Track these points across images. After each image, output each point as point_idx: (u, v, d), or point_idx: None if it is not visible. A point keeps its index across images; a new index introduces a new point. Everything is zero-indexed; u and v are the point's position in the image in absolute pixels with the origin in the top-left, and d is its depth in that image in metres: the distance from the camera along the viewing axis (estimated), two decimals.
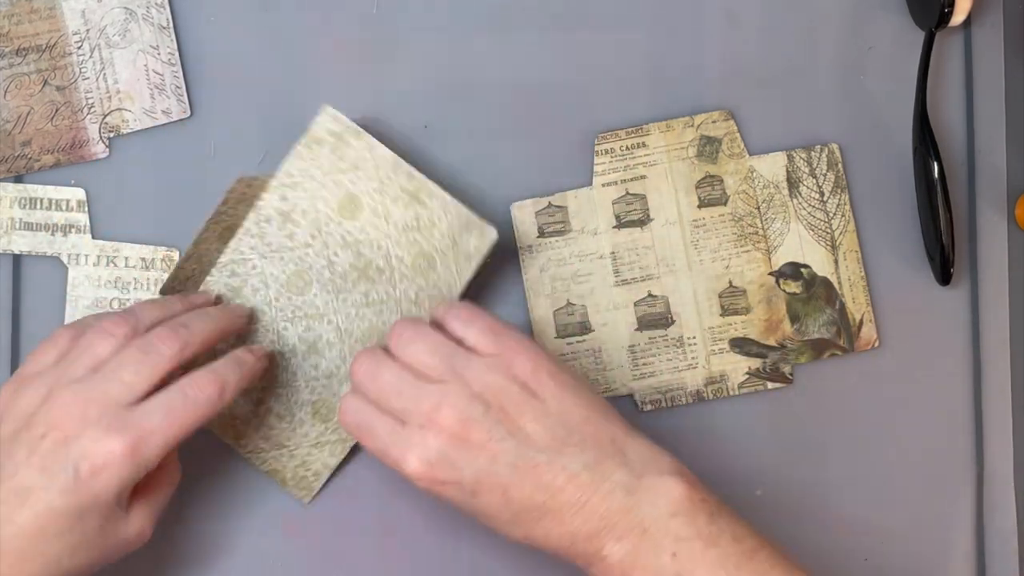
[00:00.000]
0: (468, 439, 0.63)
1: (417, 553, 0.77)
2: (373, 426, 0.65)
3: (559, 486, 0.62)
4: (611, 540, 0.62)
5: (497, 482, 0.63)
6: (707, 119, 0.78)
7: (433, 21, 0.78)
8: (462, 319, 0.67)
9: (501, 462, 0.63)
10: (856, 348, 0.79)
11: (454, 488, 0.63)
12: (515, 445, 0.63)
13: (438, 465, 0.63)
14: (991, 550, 0.79)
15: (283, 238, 0.74)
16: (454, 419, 0.63)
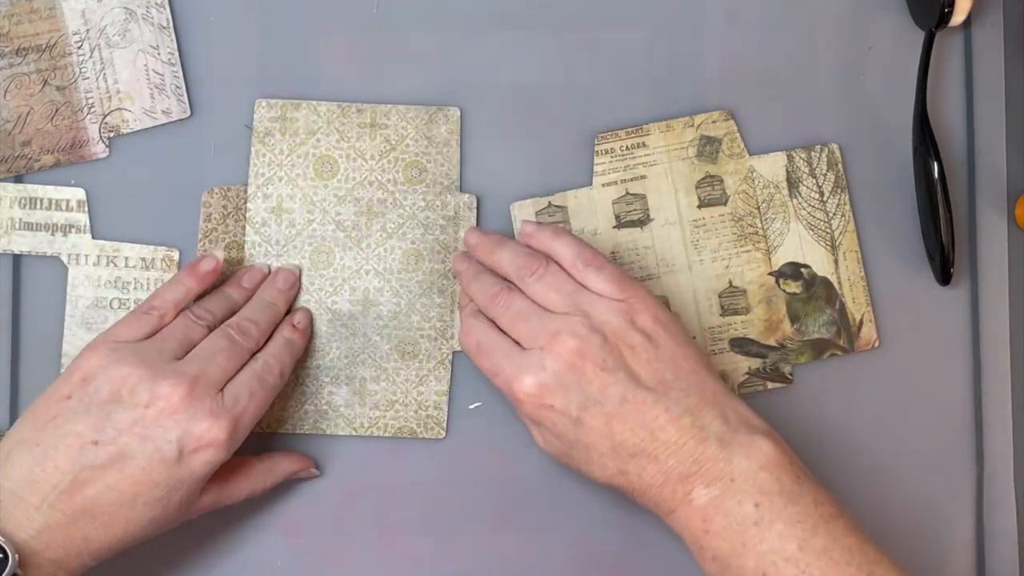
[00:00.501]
0: (583, 367, 0.66)
1: (417, 553, 0.77)
2: (493, 346, 0.69)
3: (660, 425, 0.65)
4: (700, 484, 0.64)
5: (603, 412, 0.66)
6: (707, 119, 0.78)
7: (433, 21, 0.78)
8: (591, 266, 0.70)
9: (610, 393, 0.66)
10: (856, 348, 0.78)
11: (560, 414, 0.66)
12: (625, 378, 0.66)
13: (550, 388, 0.66)
14: (991, 550, 0.79)
15: (285, 229, 0.77)
16: (573, 346, 0.66)
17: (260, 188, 0.76)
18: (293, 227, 0.76)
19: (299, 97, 0.77)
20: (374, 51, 0.78)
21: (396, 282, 0.77)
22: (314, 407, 0.76)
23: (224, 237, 0.76)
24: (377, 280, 0.77)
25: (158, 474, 0.64)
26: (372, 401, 0.77)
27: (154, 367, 0.66)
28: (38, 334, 0.76)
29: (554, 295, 0.69)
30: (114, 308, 0.76)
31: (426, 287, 0.77)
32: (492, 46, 0.79)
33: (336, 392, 0.76)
